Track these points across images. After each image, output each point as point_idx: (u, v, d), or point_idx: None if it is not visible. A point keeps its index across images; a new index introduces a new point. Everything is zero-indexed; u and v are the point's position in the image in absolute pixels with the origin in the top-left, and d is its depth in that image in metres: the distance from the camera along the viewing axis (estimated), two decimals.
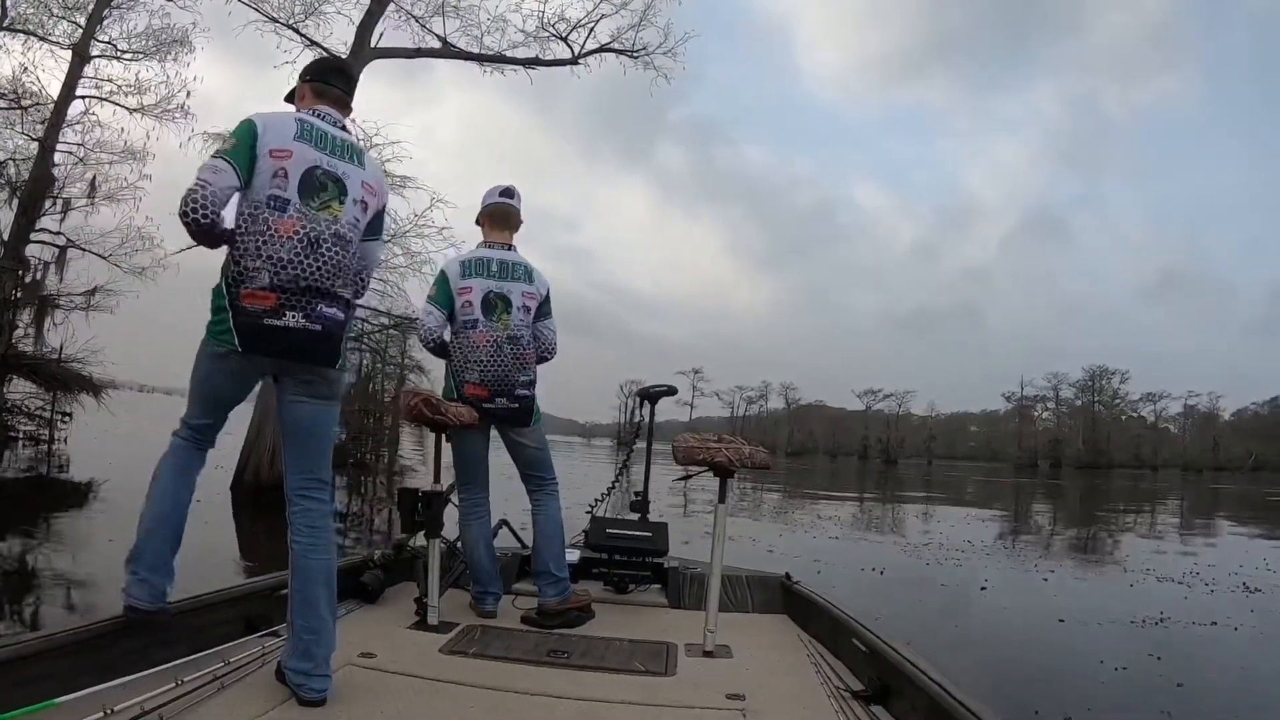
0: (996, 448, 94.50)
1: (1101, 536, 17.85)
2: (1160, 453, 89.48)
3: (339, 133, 2.61)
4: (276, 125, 2.49)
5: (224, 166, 2.38)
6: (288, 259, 2.43)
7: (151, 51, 17.82)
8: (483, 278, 3.75)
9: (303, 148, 2.48)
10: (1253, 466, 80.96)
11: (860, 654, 2.97)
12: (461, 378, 3.71)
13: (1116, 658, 6.28)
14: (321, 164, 2.51)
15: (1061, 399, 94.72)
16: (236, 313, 2.40)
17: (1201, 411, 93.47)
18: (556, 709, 2.54)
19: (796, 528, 14.63)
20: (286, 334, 2.43)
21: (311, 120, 2.56)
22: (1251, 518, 24.99)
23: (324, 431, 2.64)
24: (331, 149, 2.56)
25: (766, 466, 3.51)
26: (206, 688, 2.34)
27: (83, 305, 17.90)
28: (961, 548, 12.73)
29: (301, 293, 2.44)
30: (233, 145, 2.43)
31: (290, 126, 2.50)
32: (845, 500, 22.99)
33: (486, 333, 3.70)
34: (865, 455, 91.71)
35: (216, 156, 2.42)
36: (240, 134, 2.45)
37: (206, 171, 2.37)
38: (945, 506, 24.23)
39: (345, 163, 2.58)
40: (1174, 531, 19.90)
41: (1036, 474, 69.70)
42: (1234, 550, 15.03)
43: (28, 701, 2.07)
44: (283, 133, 2.47)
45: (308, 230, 2.46)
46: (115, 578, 2.69)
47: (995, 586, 9.35)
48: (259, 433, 13.61)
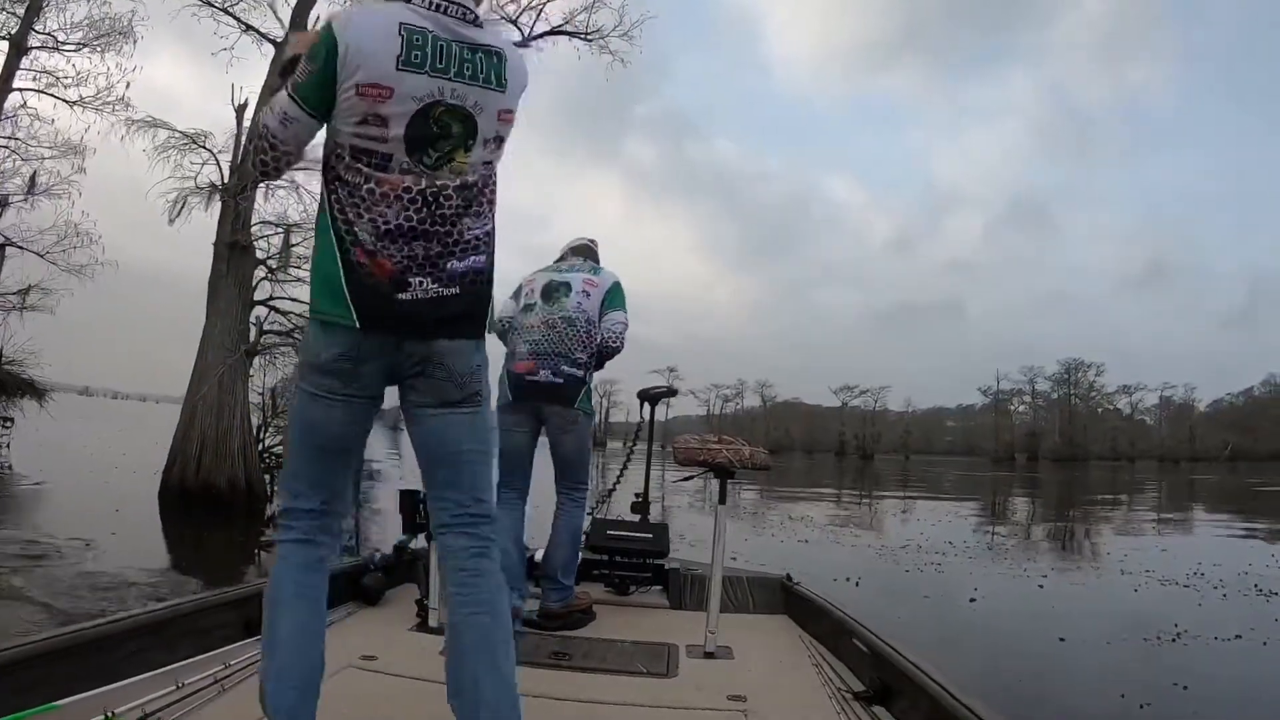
0: (973, 442, 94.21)
1: (1091, 533, 16.91)
2: (1137, 444, 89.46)
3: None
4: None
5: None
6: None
7: (92, 42, 17.10)
8: (547, 272, 3.88)
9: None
10: (1229, 457, 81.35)
11: (861, 655, 2.96)
12: (513, 357, 3.73)
13: (1137, 689, 5.28)
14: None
15: (1037, 392, 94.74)
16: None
17: (1177, 403, 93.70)
18: (558, 710, 2.55)
19: (765, 529, 13.44)
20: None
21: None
22: (1241, 509, 24.13)
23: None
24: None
25: (767, 467, 3.49)
26: (207, 690, 2.35)
27: (18, 305, 17.40)
28: (942, 550, 11.66)
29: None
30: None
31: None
32: (820, 499, 21.88)
33: (540, 315, 3.75)
34: (842, 452, 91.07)
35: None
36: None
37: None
38: (923, 503, 23.26)
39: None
40: (1166, 526, 19.13)
41: (1014, 467, 69.42)
42: (1234, 546, 14.14)
43: (28, 705, 2.07)
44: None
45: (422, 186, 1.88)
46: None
47: (985, 597, 8.27)
48: (186, 435, 13.00)
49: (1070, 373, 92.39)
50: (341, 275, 1.81)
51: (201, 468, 12.74)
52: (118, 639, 2.42)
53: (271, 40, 14.50)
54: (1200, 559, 11.18)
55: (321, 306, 1.83)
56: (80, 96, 17.02)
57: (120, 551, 8.30)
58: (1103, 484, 40.79)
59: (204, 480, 12.65)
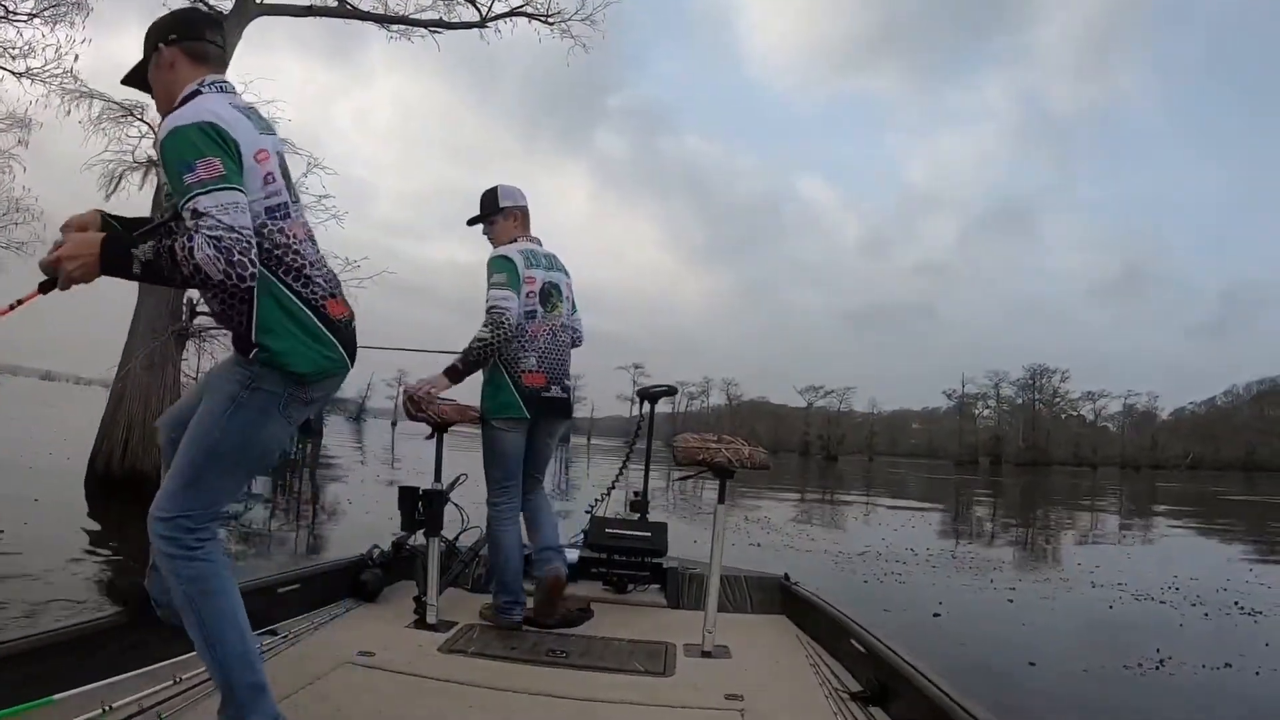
0: (937, 445, 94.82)
1: (1058, 541, 16.26)
2: (1099, 451, 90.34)
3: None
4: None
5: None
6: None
7: (43, 12, 15.91)
8: (540, 269, 3.74)
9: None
10: (1189, 465, 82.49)
11: (858, 655, 2.97)
12: (517, 367, 3.60)
13: None
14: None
15: (1002, 397, 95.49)
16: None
17: (1140, 410, 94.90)
18: (555, 708, 2.56)
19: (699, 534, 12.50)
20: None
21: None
22: (1207, 517, 23.65)
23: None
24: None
25: (766, 467, 3.48)
26: (204, 685, 2.33)
27: None
28: (903, 558, 10.88)
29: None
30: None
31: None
32: (780, 499, 21.07)
33: (543, 323, 3.69)
34: (806, 452, 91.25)
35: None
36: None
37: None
38: (885, 507, 22.51)
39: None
40: (1134, 533, 18.63)
41: (977, 470, 69.30)
42: (1207, 557, 13.60)
43: (26, 699, 2.08)
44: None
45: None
46: None
47: (950, 612, 7.49)
48: (113, 418, 12.60)
49: (1035, 378, 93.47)
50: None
51: (128, 454, 12.34)
52: (116, 633, 2.43)
53: (219, 13, 13.56)
54: (1175, 571, 10.52)
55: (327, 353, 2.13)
56: (28, 68, 16.06)
57: (25, 542, 7.60)
58: (1066, 489, 40.50)
59: (130, 467, 12.25)
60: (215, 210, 1.85)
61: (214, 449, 2.03)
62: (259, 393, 2.04)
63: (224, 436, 2.03)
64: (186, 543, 2.00)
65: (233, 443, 2.04)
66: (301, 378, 2.07)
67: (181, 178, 1.88)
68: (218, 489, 2.07)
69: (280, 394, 2.06)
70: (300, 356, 2.06)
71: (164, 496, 2.04)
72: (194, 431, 2.06)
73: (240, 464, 2.10)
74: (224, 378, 2.09)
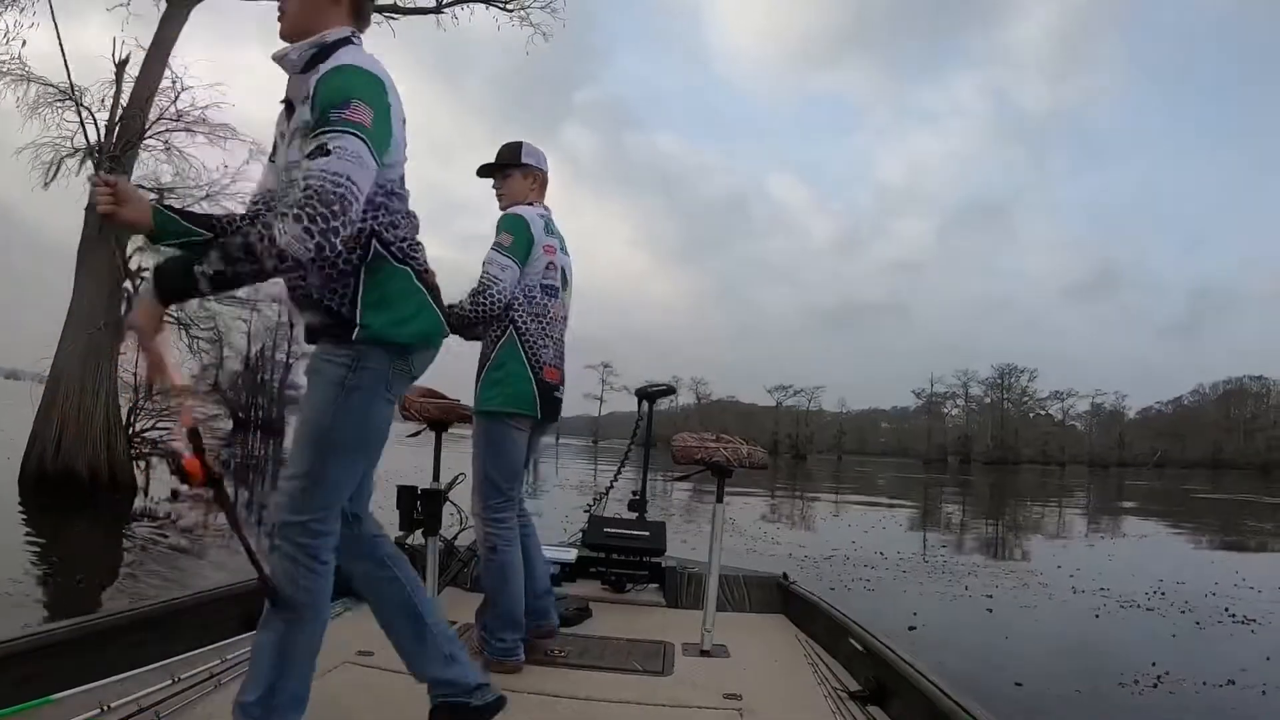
0: (906, 444, 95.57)
1: (1032, 542, 15.83)
2: (1067, 449, 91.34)
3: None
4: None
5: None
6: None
7: None
8: (557, 239, 3.23)
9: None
10: (1156, 463, 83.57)
11: (857, 654, 2.96)
12: (539, 357, 3.05)
13: None
14: None
15: (971, 396, 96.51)
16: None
17: (1108, 410, 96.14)
18: (554, 708, 2.59)
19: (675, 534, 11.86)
20: None
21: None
22: (1183, 517, 23.17)
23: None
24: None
25: (764, 466, 3.47)
26: (203, 684, 2.36)
27: None
28: (873, 562, 10.26)
29: None
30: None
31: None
32: (745, 498, 20.42)
33: (561, 306, 3.19)
34: (775, 451, 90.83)
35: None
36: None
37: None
38: (854, 508, 21.90)
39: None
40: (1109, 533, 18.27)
41: (946, 469, 69.37)
42: (1190, 558, 13.22)
43: (25, 698, 2.09)
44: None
45: None
46: None
47: (926, 622, 6.86)
48: (46, 415, 12.08)
49: (1004, 377, 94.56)
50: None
51: (61, 451, 11.84)
52: (114, 633, 2.46)
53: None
54: (1159, 574, 9.99)
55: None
56: None
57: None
58: (1036, 488, 40.45)
59: (63, 465, 11.79)
60: (340, 152, 1.77)
61: (331, 440, 1.95)
62: (365, 371, 1.96)
63: (338, 424, 1.95)
64: (314, 550, 1.94)
65: (350, 429, 1.97)
66: (405, 348, 2.01)
67: (328, 112, 1.80)
68: (341, 483, 1.99)
69: (385, 370, 1.99)
70: (404, 327, 2.00)
71: (288, 501, 1.93)
72: (304, 430, 1.96)
73: (360, 450, 2.02)
74: (323, 366, 1.97)
